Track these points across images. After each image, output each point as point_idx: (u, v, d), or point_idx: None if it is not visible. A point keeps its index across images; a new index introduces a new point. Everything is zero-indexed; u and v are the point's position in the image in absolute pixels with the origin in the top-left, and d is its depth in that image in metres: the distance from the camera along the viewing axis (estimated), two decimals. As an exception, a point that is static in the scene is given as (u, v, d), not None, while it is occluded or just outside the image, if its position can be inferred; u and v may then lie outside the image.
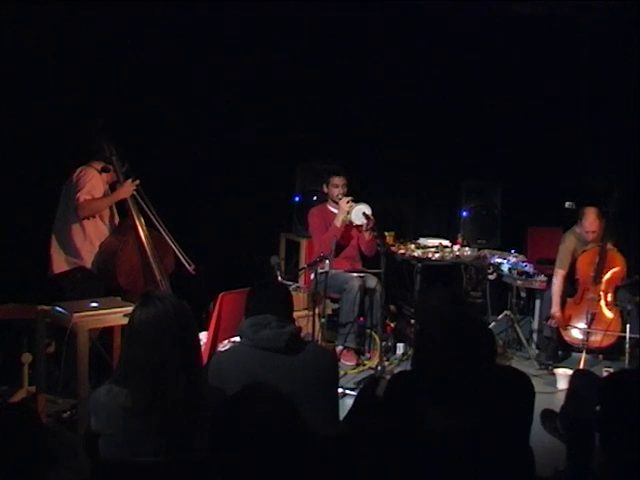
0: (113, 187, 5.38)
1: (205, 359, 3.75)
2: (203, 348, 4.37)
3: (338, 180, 6.21)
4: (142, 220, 5.27)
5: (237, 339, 3.57)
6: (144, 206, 5.27)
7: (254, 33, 6.62)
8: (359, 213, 5.95)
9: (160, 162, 6.09)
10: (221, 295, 4.74)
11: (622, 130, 7.00)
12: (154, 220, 5.27)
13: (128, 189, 5.25)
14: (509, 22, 7.09)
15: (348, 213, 6.02)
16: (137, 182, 5.28)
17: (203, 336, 4.65)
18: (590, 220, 6.00)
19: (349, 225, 6.16)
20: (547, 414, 4.48)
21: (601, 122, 7.13)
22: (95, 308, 4.41)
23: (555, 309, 6.00)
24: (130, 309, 2.78)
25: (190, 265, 5.33)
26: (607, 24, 6.84)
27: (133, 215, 5.25)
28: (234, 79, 6.64)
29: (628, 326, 5.64)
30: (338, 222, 6.03)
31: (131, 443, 2.52)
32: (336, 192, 6.21)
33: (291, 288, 5.21)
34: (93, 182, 5.18)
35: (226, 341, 4.34)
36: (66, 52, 5.74)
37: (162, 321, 2.59)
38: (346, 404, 4.26)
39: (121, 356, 2.72)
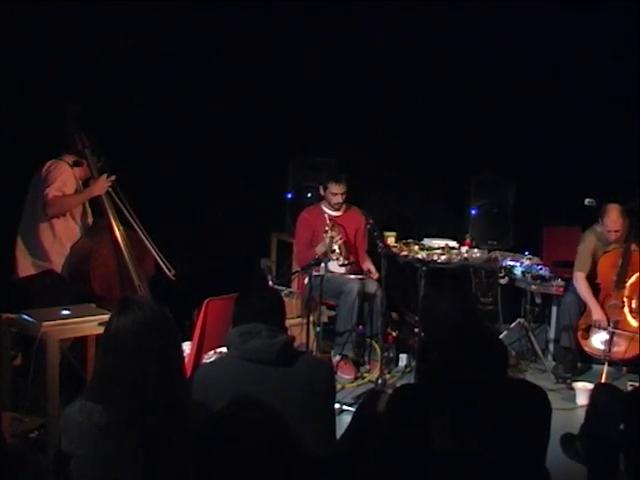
0: (87, 183, 5.38)
1: (189, 372, 3.75)
2: (187, 360, 4.36)
3: (337, 189, 6.22)
4: (118, 219, 5.26)
5: (224, 350, 3.57)
6: (120, 204, 5.26)
7: (242, 22, 6.70)
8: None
9: (138, 157, 6.10)
10: (206, 301, 4.73)
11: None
12: (131, 220, 5.27)
13: (102, 185, 5.25)
14: (525, 12, 7.10)
15: (333, 251, 6.08)
16: (112, 178, 5.27)
17: (187, 346, 4.63)
18: (612, 218, 6.00)
19: (342, 226, 6.21)
20: (567, 437, 4.45)
21: (623, 115, 7.12)
22: (66, 316, 4.40)
23: (596, 312, 5.95)
24: (105, 317, 2.78)
25: (170, 270, 5.33)
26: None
27: (108, 214, 5.25)
28: (221, 72, 6.71)
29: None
30: (319, 251, 6.04)
31: (106, 465, 2.51)
32: (334, 200, 6.23)
33: (283, 293, 5.22)
34: (64, 177, 5.16)
35: (212, 352, 4.34)
36: (43, 46, 5.85)
37: (141, 330, 2.59)
38: (344, 421, 4.26)
39: (95, 369, 2.72)
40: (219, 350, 4.21)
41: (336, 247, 6.10)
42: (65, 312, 4.43)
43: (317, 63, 7.14)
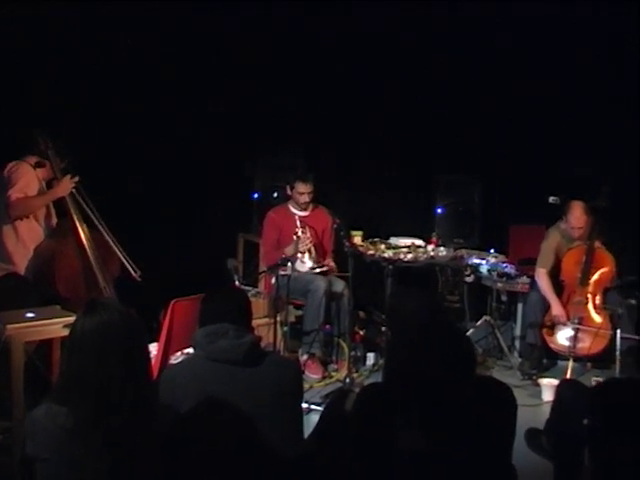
0: (50, 185, 5.33)
1: (156, 373, 3.73)
2: (153, 361, 4.35)
3: (304, 188, 6.22)
4: (82, 221, 5.23)
5: (191, 351, 3.56)
6: (84, 205, 5.23)
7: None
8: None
9: (102, 157, 6.07)
10: (173, 302, 4.72)
11: (609, 121, 7.09)
12: (95, 221, 5.24)
13: (66, 186, 5.21)
14: (491, 11, 7.16)
15: (303, 254, 6.08)
16: (76, 179, 5.24)
17: (153, 348, 4.62)
18: (576, 215, 6.06)
19: (311, 227, 6.21)
20: (532, 432, 4.50)
21: (587, 114, 7.20)
22: (31, 319, 4.36)
23: (556, 307, 6.02)
24: (71, 319, 2.76)
25: (136, 271, 5.30)
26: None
27: (72, 215, 5.21)
28: (187, 71, 6.72)
29: (619, 331, 5.68)
30: (289, 251, 6.05)
31: (71, 468, 2.49)
32: (301, 200, 6.23)
33: (250, 294, 5.22)
34: (27, 178, 5.12)
35: (179, 353, 4.33)
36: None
37: (108, 331, 2.57)
38: (311, 420, 4.26)
39: (61, 371, 2.69)
40: (186, 351, 4.19)
41: (307, 253, 6.10)
42: (30, 315, 4.39)
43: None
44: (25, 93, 5.87)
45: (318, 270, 6.12)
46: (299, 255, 6.08)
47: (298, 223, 6.17)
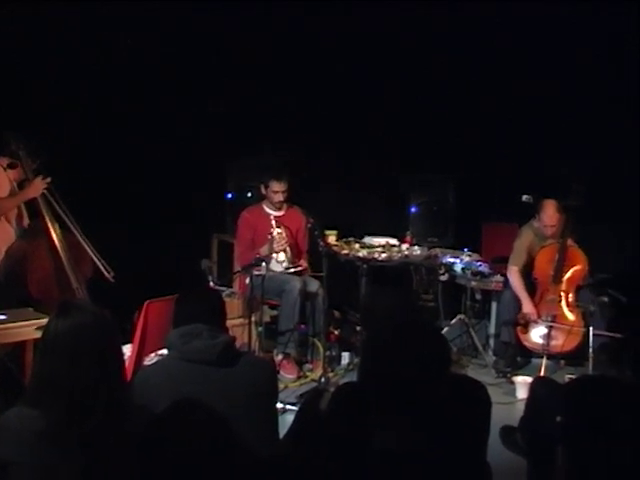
0: (22, 186, 5.30)
1: (130, 374, 3.71)
2: (127, 362, 4.33)
3: (278, 186, 6.19)
4: (55, 221, 5.20)
5: (165, 352, 3.55)
6: (56, 206, 5.20)
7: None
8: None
9: (75, 158, 6.04)
10: (146, 303, 4.70)
11: (582, 119, 7.15)
12: (68, 222, 5.21)
13: (38, 187, 5.18)
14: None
15: (278, 253, 6.08)
16: (48, 180, 5.21)
17: (127, 349, 4.60)
18: (549, 214, 6.11)
19: (286, 226, 6.21)
20: (506, 430, 4.52)
21: (559, 113, 7.26)
22: (3, 321, 4.33)
23: (527, 305, 6.05)
24: (43, 321, 2.74)
25: (109, 272, 5.28)
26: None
27: (44, 216, 5.18)
28: (158, 70, 6.71)
29: (591, 329, 5.73)
30: (265, 251, 6.05)
31: (44, 473, 2.47)
32: (276, 198, 6.21)
33: (224, 294, 5.22)
34: (-2, 179, 5.09)
35: (153, 354, 4.30)
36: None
37: (81, 333, 2.56)
38: (287, 420, 4.25)
39: (33, 374, 2.68)
40: (160, 352, 4.17)
41: (282, 254, 6.09)
42: (1, 317, 4.37)
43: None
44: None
45: (293, 270, 6.11)
46: (274, 255, 6.07)
47: (273, 223, 6.16)
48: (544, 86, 7.17)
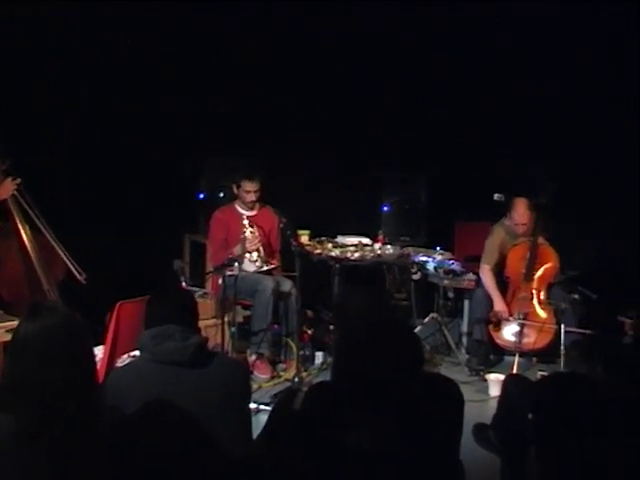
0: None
1: (102, 376, 3.69)
2: (99, 364, 4.31)
3: (250, 186, 6.18)
4: (25, 223, 5.15)
5: (137, 353, 3.53)
6: (27, 207, 5.15)
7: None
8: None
9: (45, 158, 6.00)
10: (118, 304, 4.67)
11: (554, 118, 7.20)
12: (38, 223, 5.16)
13: (8, 188, 5.13)
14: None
15: (251, 253, 6.06)
16: (18, 181, 5.16)
17: (99, 351, 4.57)
18: (520, 212, 6.15)
19: (259, 226, 6.20)
20: (479, 427, 4.54)
21: (531, 112, 7.31)
22: (-27, 323, 4.29)
23: (498, 303, 6.09)
24: (14, 323, 2.72)
25: (81, 274, 5.24)
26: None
27: (14, 217, 5.13)
28: (129, 71, 6.69)
29: (563, 326, 5.76)
30: (238, 251, 6.04)
31: (16, 475, 2.45)
32: (248, 198, 6.20)
33: (197, 295, 5.20)
34: (-33, 181, 5.05)
35: (125, 356, 4.28)
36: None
37: (51, 335, 2.53)
38: (261, 420, 4.25)
39: (3, 376, 2.65)
40: (132, 354, 4.15)
41: (255, 253, 6.08)
42: (-29, 319, 4.33)
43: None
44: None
45: (266, 268, 6.10)
46: (247, 255, 6.06)
47: (246, 222, 6.14)
48: (515, 87, 7.22)
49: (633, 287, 6.40)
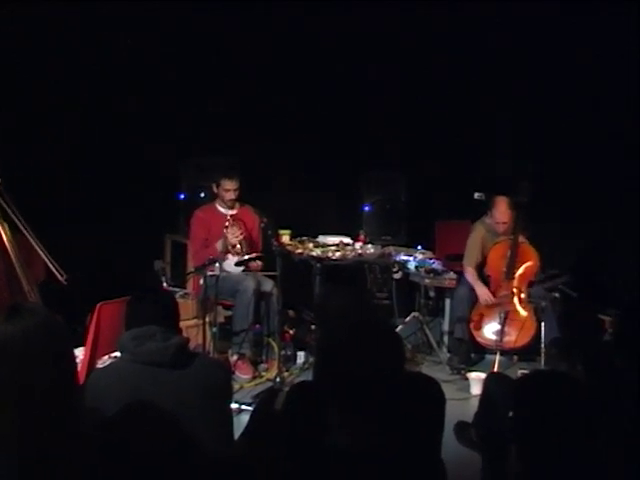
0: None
1: (82, 378, 3.67)
2: (80, 366, 4.28)
3: (229, 184, 6.16)
4: (4, 222, 5.12)
5: (118, 354, 3.52)
6: (6, 207, 5.12)
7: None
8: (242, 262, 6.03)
9: (25, 158, 5.97)
10: (99, 305, 4.65)
11: (527, 116, 7.25)
12: (18, 223, 5.13)
13: (-14, 188, 5.10)
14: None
15: (234, 247, 6.02)
16: (-2, 180, 5.13)
17: (79, 352, 4.55)
18: (501, 210, 6.18)
19: (239, 222, 6.18)
20: (461, 425, 4.55)
21: (506, 108, 7.34)
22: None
23: (481, 291, 6.16)
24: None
25: (62, 275, 5.21)
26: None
27: (-7, 217, 5.10)
28: (106, 71, 6.68)
29: (543, 324, 5.80)
30: (219, 247, 6.01)
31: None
32: (227, 197, 6.17)
33: (178, 295, 5.20)
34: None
35: (106, 357, 4.26)
36: None
37: (31, 337, 2.51)
38: (242, 421, 4.24)
39: (-18, 378, 2.63)
40: (113, 355, 4.13)
41: (237, 244, 6.06)
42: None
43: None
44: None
45: (248, 257, 6.05)
46: (230, 247, 6.03)
47: (229, 217, 6.12)
48: (497, 87, 7.26)
49: (613, 285, 6.46)
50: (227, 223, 6.09)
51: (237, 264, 6.04)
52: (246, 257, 6.06)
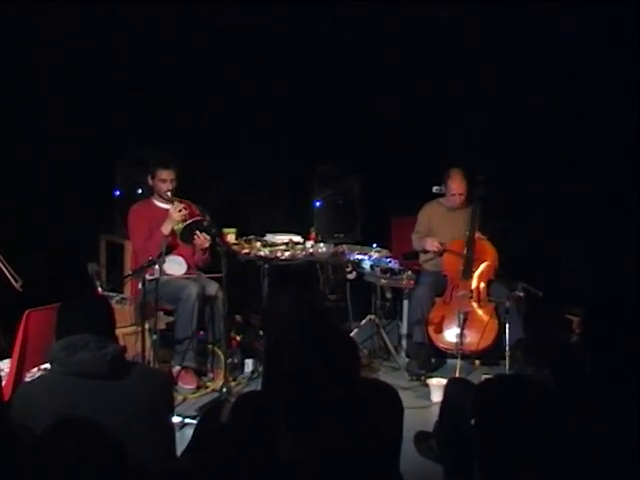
0: None
1: (8, 393, 3.62)
2: (5, 380, 4.22)
3: (166, 174, 6.08)
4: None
5: (48, 366, 3.48)
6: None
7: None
8: (188, 234, 5.93)
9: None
10: (26, 313, 4.58)
11: (485, 112, 7.35)
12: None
13: None
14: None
15: (180, 223, 5.93)
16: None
17: (5, 365, 4.49)
18: (457, 181, 6.38)
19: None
20: (421, 435, 4.56)
21: (463, 105, 7.44)
22: None
23: (428, 242, 6.45)
24: None
25: (17, 281, 5.17)
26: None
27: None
28: (44, 68, 6.63)
29: (507, 325, 5.81)
30: (166, 229, 5.92)
31: None
32: (164, 188, 6.07)
33: (114, 300, 5.13)
34: None
35: (35, 369, 4.21)
36: None
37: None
38: (186, 435, 4.22)
39: None
40: (43, 367, 4.08)
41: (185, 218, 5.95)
42: None
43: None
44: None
45: (190, 220, 5.92)
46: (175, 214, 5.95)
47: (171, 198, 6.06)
48: (451, 83, 7.37)
49: (576, 284, 6.57)
50: (170, 206, 5.98)
51: (183, 231, 5.88)
52: (189, 221, 5.90)
